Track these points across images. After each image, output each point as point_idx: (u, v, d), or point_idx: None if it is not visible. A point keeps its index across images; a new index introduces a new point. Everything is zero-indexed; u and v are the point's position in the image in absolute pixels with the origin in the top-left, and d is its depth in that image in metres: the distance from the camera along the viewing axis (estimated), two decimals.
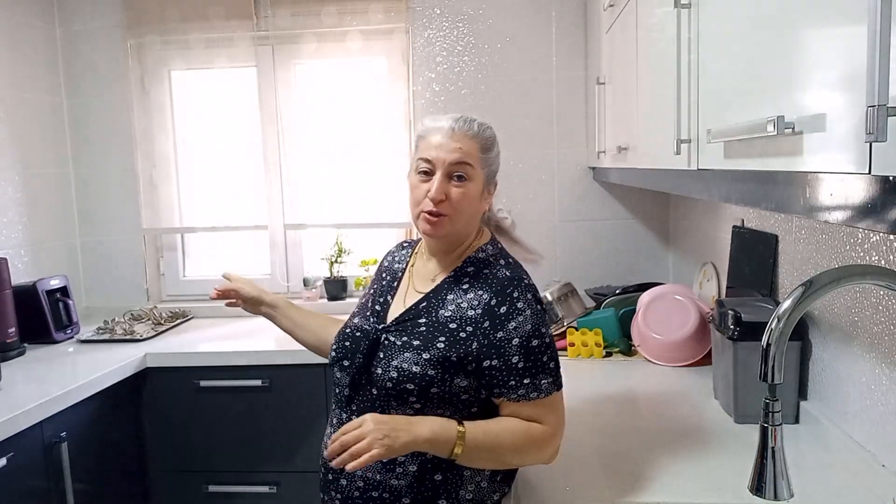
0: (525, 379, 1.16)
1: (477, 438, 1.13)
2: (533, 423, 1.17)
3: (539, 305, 1.22)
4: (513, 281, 1.24)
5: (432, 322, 1.23)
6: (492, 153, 1.29)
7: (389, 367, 1.20)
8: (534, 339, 1.18)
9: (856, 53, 0.57)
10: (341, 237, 2.80)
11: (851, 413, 1.28)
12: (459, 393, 1.18)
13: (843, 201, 0.62)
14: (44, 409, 1.80)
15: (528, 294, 1.22)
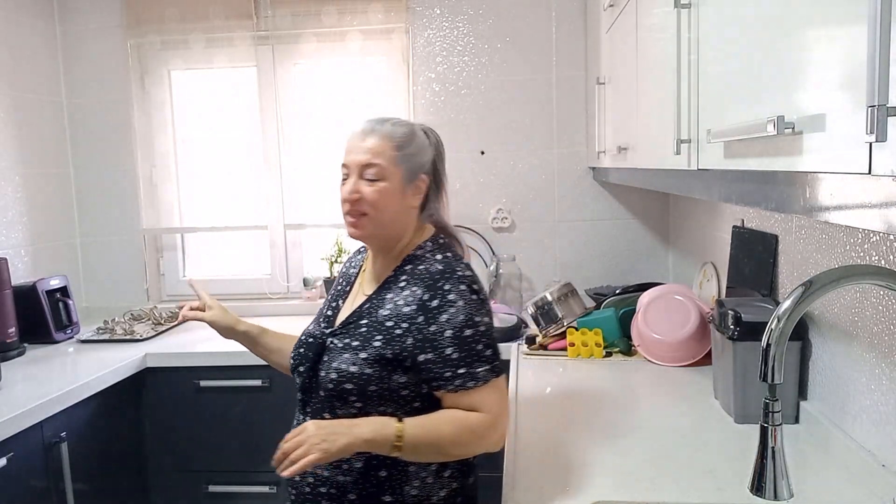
0: (460, 369, 1.17)
1: (416, 434, 1.16)
2: (472, 412, 1.17)
3: (475, 295, 1.22)
4: (444, 273, 1.24)
5: (372, 322, 1.25)
6: (408, 149, 1.29)
7: (330, 369, 1.24)
8: (467, 329, 1.19)
9: (856, 53, 0.57)
10: (341, 237, 2.80)
11: (851, 413, 1.28)
12: (399, 389, 1.21)
13: (843, 201, 0.62)
14: (44, 409, 1.80)
15: (460, 285, 1.22)
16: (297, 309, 2.78)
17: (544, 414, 1.57)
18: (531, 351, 2.08)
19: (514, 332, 2.26)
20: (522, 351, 2.09)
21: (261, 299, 2.85)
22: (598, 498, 1.16)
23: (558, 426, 1.49)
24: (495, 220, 2.75)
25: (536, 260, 2.76)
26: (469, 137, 2.74)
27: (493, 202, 2.76)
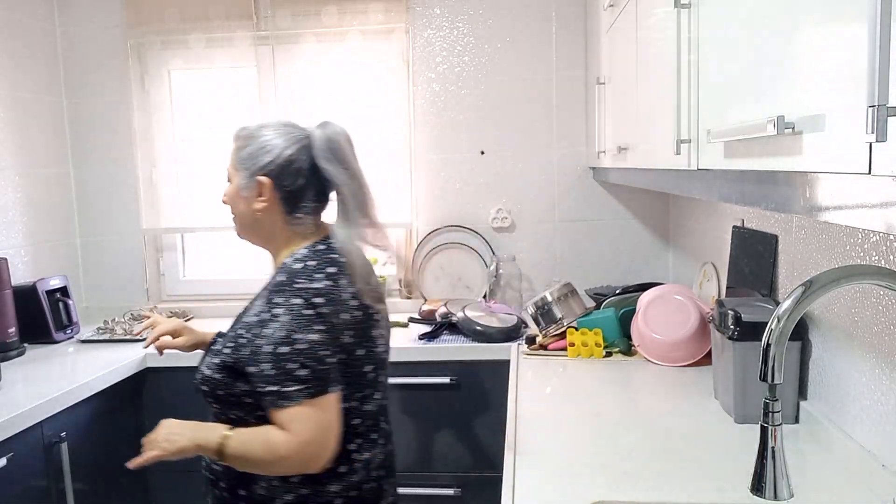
0: (272, 386, 1.15)
1: (234, 447, 1.18)
2: (281, 431, 1.16)
3: (309, 310, 1.17)
4: (282, 285, 1.20)
5: (233, 329, 1.29)
6: (244, 151, 1.28)
7: (197, 371, 1.31)
8: (283, 346, 1.15)
9: (856, 53, 0.57)
10: None
11: (851, 413, 1.28)
12: (242, 396, 1.22)
13: (843, 201, 0.62)
14: (44, 409, 1.80)
15: (294, 299, 1.18)
16: None
17: (544, 414, 1.57)
18: (531, 351, 2.08)
19: (514, 332, 2.27)
20: (522, 351, 2.09)
21: None
22: (598, 498, 1.16)
23: (558, 426, 1.49)
24: (495, 220, 2.75)
25: (536, 260, 2.76)
26: (469, 137, 2.74)
27: (493, 202, 2.76)
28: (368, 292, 1.26)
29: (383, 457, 1.35)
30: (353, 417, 1.26)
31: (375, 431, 1.32)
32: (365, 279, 1.26)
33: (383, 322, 1.33)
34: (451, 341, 2.26)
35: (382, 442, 1.34)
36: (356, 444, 1.28)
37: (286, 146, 1.27)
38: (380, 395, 1.32)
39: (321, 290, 1.19)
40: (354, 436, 1.27)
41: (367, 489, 1.30)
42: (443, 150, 2.75)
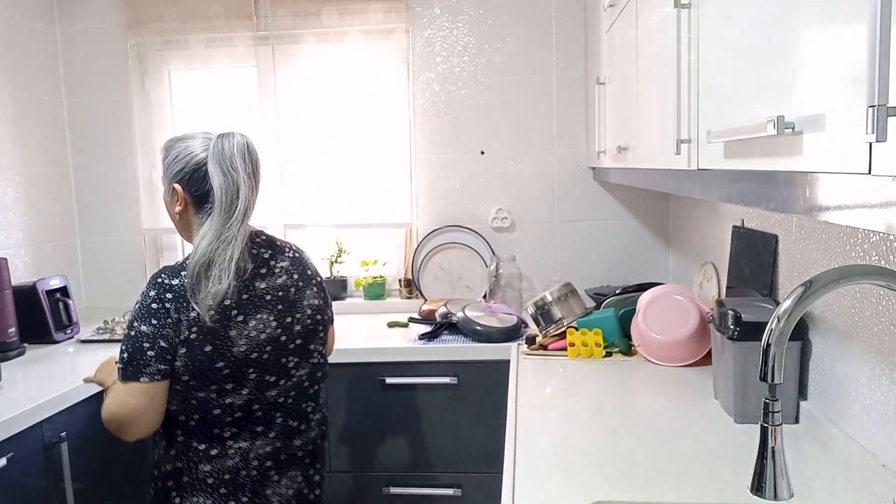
0: (117, 363, 1.36)
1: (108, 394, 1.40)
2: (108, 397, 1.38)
3: (154, 304, 1.33)
4: (152, 276, 1.39)
5: None
6: (164, 162, 1.45)
7: None
8: (128, 329, 1.35)
9: (856, 53, 0.57)
10: (341, 237, 2.80)
11: (851, 413, 1.28)
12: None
13: (843, 201, 0.62)
14: (44, 409, 1.80)
15: (149, 290, 1.35)
16: None
17: (544, 414, 1.57)
18: (531, 351, 2.08)
19: (514, 332, 2.27)
20: (522, 351, 2.09)
21: None
22: (598, 498, 1.16)
23: (558, 426, 1.49)
24: (495, 220, 2.75)
25: (536, 260, 2.76)
26: (469, 137, 2.74)
27: (493, 202, 2.76)
28: (205, 297, 1.33)
29: (271, 450, 1.43)
30: (214, 408, 1.37)
31: (262, 424, 1.41)
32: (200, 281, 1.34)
33: (258, 325, 1.39)
34: (451, 341, 2.26)
35: (274, 435, 1.43)
36: (230, 431, 1.39)
37: (194, 154, 1.41)
38: (249, 390, 1.39)
39: (170, 287, 1.34)
40: (225, 425, 1.38)
41: (245, 476, 1.40)
42: (443, 150, 2.75)
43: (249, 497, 1.40)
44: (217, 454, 1.38)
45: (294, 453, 1.47)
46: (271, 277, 1.44)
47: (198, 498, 1.38)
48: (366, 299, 2.77)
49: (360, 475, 2.28)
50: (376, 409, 2.24)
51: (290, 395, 1.45)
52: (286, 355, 1.43)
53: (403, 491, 2.26)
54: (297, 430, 1.47)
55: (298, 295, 1.47)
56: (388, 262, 2.85)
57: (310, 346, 1.48)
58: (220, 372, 1.35)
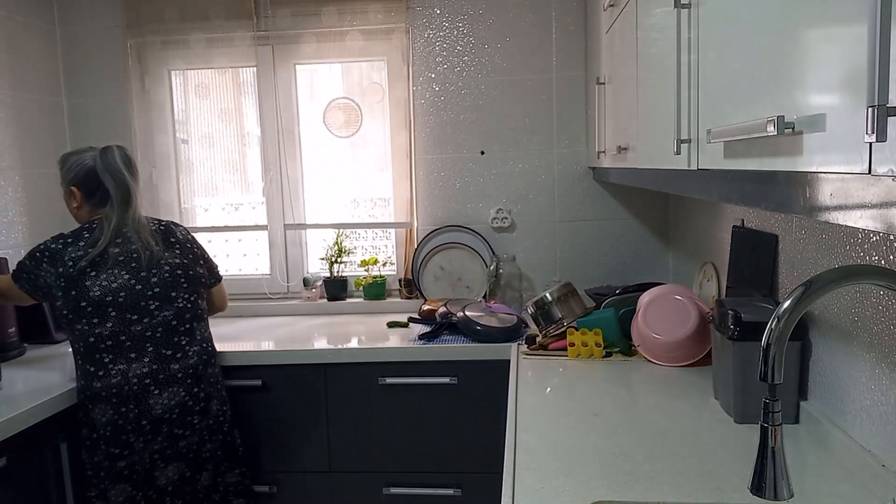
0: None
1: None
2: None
3: (38, 250, 1.91)
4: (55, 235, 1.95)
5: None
6: (61, 171, 2.00)
7: None
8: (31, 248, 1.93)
9: (856, 53, 0.57)
10: (342, 237, 2.80)
11: (851, 413, 1.28)
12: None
13: (843, 201, 0.62)
14: (44, 409, 1.80)
15: (46, 241, 1.93)
16: (297, 309, 2.79)
17: (544, 414, 1.57)
18: (531, 351, 2.08)
19: (514, 332, 2.27)
20: (522, 351, 2.09)
21: (261, 299, 2.85)
22: (598, 498, 1.16)
23: (558, 426, 1.49)
24: (495, 220, 2.75)
25: (536, 260, 2.76)
26: (469, 137, 2.74)
27: (493, 202, 2.76)
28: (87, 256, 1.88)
29: (147, 370, 1.88)
30: (88, 336, 1.86)
31: (134, 351, 1.88)
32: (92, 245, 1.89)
33: (106, 275, 1.88)
34: (451, 341, 2.26)
35: (148, 360, 1.89)
36: (108, 357, 1.86)
37: (85, 164, 1.95)
38: (112, 324, 1.87)
39: (52, 248, 1.90)
40: (101, 351, 1.86)
41: (128, 391, 1.85)
42: (443, 150, 2.75)
43: (135, 405, 1.86)
44: (102, 374, 1.86)
45: (174, 375, 1.91)
46: (125, 244, 1.93)
47: (101, 405, 1.85)
48: (366, 299, 2.77)
49: (360, 475, 2.28)
50: (376, 409, 2.24)
51: (158, 331, 1.92)
52: (145, 300, 1.91)
53: (403, 491, 2.26)
54: (172, 357, 1.92)
55: (152, 258, 1.95)
56: (388, 263, 2.86)
57: (171, 293, 1.95)
58: (85, 309, 1.86)
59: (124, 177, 1.94)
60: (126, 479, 1.86)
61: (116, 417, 1.85)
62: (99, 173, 1.94)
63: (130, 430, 1.86)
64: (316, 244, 2.90)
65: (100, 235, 1.91)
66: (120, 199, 1.94)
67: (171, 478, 1.91)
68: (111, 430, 1.85)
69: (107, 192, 1.94)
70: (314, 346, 2.28)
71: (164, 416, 1.89)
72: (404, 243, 2.81)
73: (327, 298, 2.80)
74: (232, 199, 2.93)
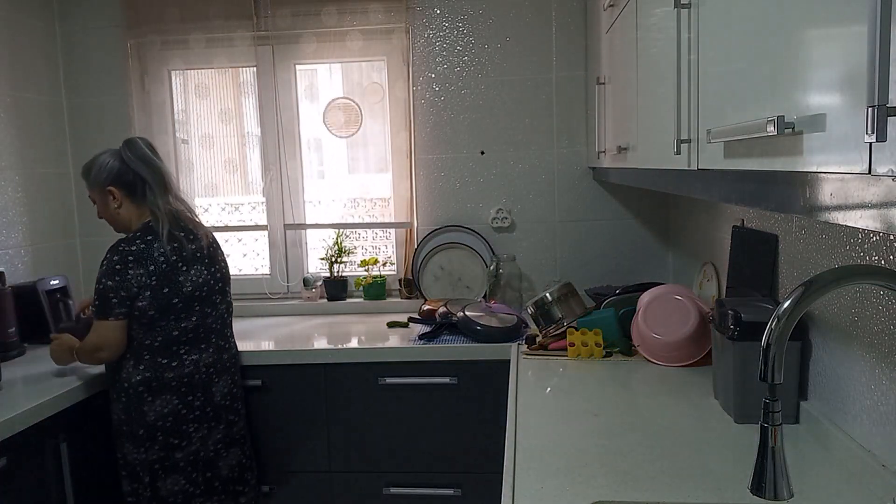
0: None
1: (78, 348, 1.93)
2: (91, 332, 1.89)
3: (113, 263, 1.83)
4: (110, 247, 1.88)
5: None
6: (88, 180, 1.97)
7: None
8: (96, 284, 1.85)
9: (856, 53, 0.57)
10: (342, 237, 2.80)
11: (851, 413, 1.28)
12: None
13: (843, 201, 0.62)
14: (44, 409, 1.80)
15: (111, 255, 1.85)
16: (297, 309, 2.79)
17: (544, 414, 1.57)
18: (531, 351, 2.08)
19: (514, 332, 2.27)
20: (522, 351, 2.09)
21: (261, 299, 2.85)
22: (598, 498, 1.16)
23: (558, 426, 1.49)
24: (495, 220, 2.75)
25: (536, 260, 2.76)
26: (469, 137, 2.74)
27: (493, 202, 2.76)
28: (173, 250, 1.89)
29: (212, 360, 1.99)
30: (172, 330, 1.90)
31: (204, 342, 1.97)
32: (170, 240, 1.90)
33: (193, 271, 1.93)
34: (451, 341, 2.26)
35: (212, 350, 2.00)
36: (185, 349, 1.93)
37: (111, 163, 1.94)
38: (196, 318, 1.94)
39: (127, 249, 1.85)
40: (181, 343, 1.92)
41: (198, 379, 1.95)
42: (443, 150, 2.75)
43: (201, 393, 1.96)
44: (176, 365, 1.92)
45: (224, 364, 2.04)
46: (197, 241, 1.98)
47: (166, 395, 1.90)
48: (366, 299, 2.77)
49: (360, 475, 2.28)
50: (376, 409, 2.24)
51: (218, 322, 2.03)
52: (214, 294, 2.01)
53: (403, 491, 2.26)
54: (224, 348, 2.05)
55: (215, 252, 2.04)
56: (388, 263, 2.86)
57: (226, 287, 2.08)
58: (176, 305, 1.90)
59: (156, 162, 1.95)
60: (181, 472, 1.93)
61: (181, 407, 1.92)
62: (131, 165, 1.93)
63: (192, 419, 1.94)
64: (316, 244, 2.90)
65: (163, 226, 1.91)
66: (159, 184, 1.94)
67: (231, 465, 2.04)
68: (172, 420, 1.91)
69: (144, 182, 1.93)
70: (314, 346, 2.28)
71: (223, 402, 2.02)
72: (404, 243, 2.81)
73: (327, 298, 2.80)
74: (232, 199, 2.93)
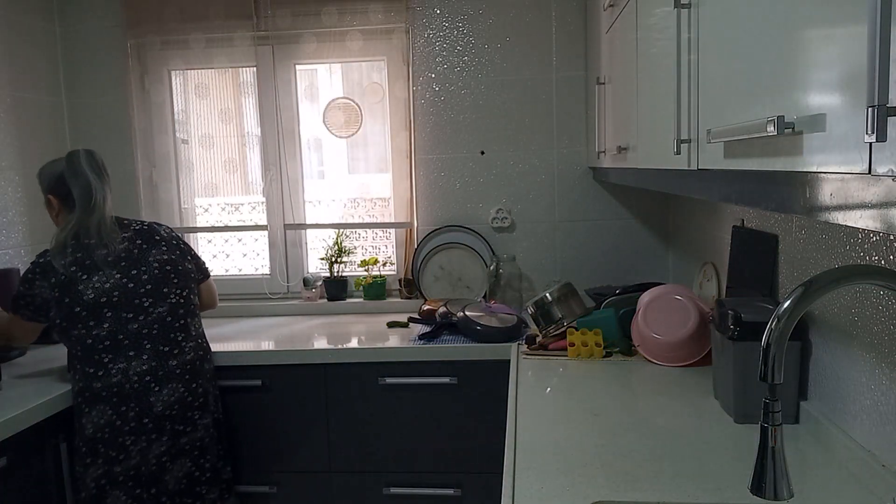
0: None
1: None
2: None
3: (27, 273, 1.90)
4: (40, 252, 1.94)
5: None
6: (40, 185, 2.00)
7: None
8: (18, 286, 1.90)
9: (856, 53, 0.57)
10: (342, 237, 2.80)
11: (851, 413, 1.28)
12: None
13: (843, 201, 0.62)
14: (44, 409, 1.80)
15: (33, 262, 1.91)
16: (297, 309, 2.79)
17: (544, 414, 1.57)
18: (531, 351, 2.08)
19: (514, 332, 2.27)
20: (522, 351, 2.09)
21: (261, 299, 2.85)
22: (598, 498, 1.16)
23: (558, 426, 1.49)
24: (495, 220, 2.75)
25: (536, 260, 2.76)
26: (469, 137, 2.74)
27: (493, 202, 2.76)
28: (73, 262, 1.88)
29: (147, 368, 1.89)
30: (86, 339, 1.86)
31: (133, 349, 1.89)
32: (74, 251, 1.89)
33: (96, 277, 1.88)
34: (451, 341, 2.26)
35: (147, 357, 1.90)
36: (108, 356, 1.86)
37: (55, 171, 1.95)
38: (109, 324, 1.87)
39: (42, 263, 1.89)
40: (101, 351, 1.86)
41: (129, 388, 1.87)
42: (443, 150, 2.75)
43: (135, 403, 1.86)
44: (102, 374, 1.86)
45: (172, 371, 1.92)
46: (112, 245, 1.92)
47: (99, 406, 1.85)
48: (366, 299, 2.77)
49: (360, 475, 2.28)
50: (376, 409, 2.24)
51: (154, 327, 1.92)
52: (138, 297, 1.91)
53: (403, 491, 2.26)
54: (170, 354, 1.93)
55: (142, 254, 1.96)
56: (388, 263, 2.86)
57: (163, 289, 1.95)
58: (80, 314, 1.86)
59: (87, 178, 1.92)
60: (121, 486, 1.84)
61: (115, 418, 1.84)
62: (66, 176, 1.93)
63: (128, 432, 1.85)
64: (316, 244, 2.90)
65: (62, 236, 1.90)
66: (81, 200, 1.91)
67: (178, 477, 1.92)
68: (108, 432, 1.84)
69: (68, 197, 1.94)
70: (314, 346, 2.28)
71: (166, 412, 1.89)
72: (404, 243, 2.81)
73: (327, 298, 2.80)
74: (232, 199, 2.93)
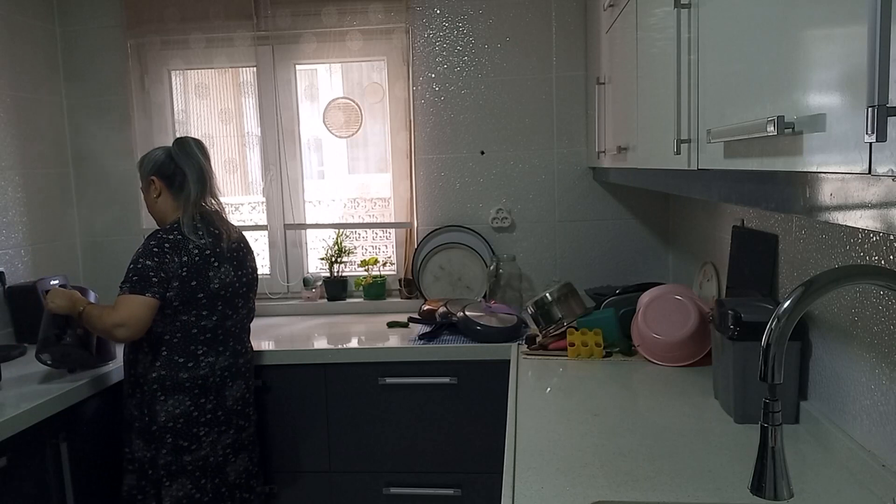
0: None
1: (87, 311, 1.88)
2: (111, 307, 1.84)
3: (150, 246, 1.87)
4: (150, 234, 1.93)
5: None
6: (140, 170, 2.03)
7: None
8: (130, 263, 1.85)
9: (856, 53, 0.57)
10: (342, 237, 2.80)
11: (851, 413, 1.28)
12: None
13: (843, 201, 0.62)
14: (44, 409, 1.80)
15: (149, 240, 1.90)
16: (297, 309, 2.79)
17: (544, 414, 1.57)
18: (531, 351, 2.08)
19: (514, 332, 2.27)
20: (522, 351, 2.09)
21: (261, 299, 2.85)
22: (598, 498, 1.16)
23: (558, 426, 1.49)
24: (495, 220, 2.75)
25: (536, 260, 2.76)
26: (469, 137, 2.74)
27: (493, 202, 2.76)
28: (208, 244, 1.92)
29: (227, 364, 1.97)
30: (192, 327, 1.90)
31: (222, 345, 1.96)
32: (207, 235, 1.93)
33: (223, 269, 1.94)
34: (451, 341, 2.26)
35: (229, 354, 1.98)
36: (202, 349, 1.92)
37: (159, 156, 1.99)
38: (217, 318, 1.93)
39: (164, 237, 1.90)
40: (199, 343, 1.91)
41: (212, 382, 1.94)
42: (443, 150, 2.75)
43: (213, 396, 1.94)
44: (193, 366, 1.91)
45: (240, 368, 2.03)
46: (229, 241, 1.99)
47: (178, 396, 1.89)
48: (366, 299, 2.77)
49: (360, 475, 2.28)
50: (376, 409, 2.24)
51: (237, 326, 2.02)
52: (237, 297, 1.99)
53: (403, 491, 2.26)
54: (240, 352, 2.04)
55: (244, 256, 2.04)
56: (388, 263, 2.85)
57: (250, 293, 2.06)
58: (200, 301, 1.89)
59: (199, 159, 1.97)
60: (188, 475, 1.91)
61: (192, 409, 1.91)
62: (175, 158, 1.96)
63: (203, 423, 1.92)
64: (316, 244, 2.90)
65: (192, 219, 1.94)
66: (196, 181, 1.96)
67: (239, 471, 2.02)
68: (183, 422, 1.89)
69: (185, 176, 1.96)
70: (314, 346, 2.28)
71: (235, 407, 2.00)
72: (404, 243, 2.81)
73: (327, 298, 2.80)
74: (232, 199, 2.93)
